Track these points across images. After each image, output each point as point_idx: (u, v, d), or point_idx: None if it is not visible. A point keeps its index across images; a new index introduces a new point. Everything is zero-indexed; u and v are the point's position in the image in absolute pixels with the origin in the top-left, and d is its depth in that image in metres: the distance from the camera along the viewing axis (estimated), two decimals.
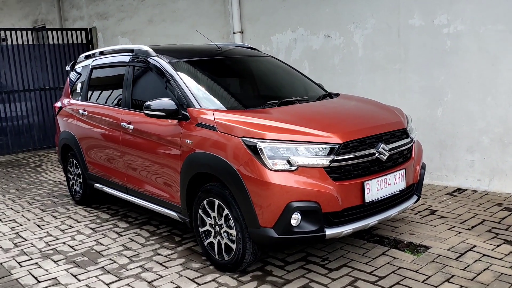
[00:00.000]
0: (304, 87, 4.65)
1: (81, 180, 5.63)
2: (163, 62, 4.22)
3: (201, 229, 3.76)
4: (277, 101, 3.95)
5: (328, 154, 3.22)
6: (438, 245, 3.82)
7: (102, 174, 5.13)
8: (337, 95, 4.48)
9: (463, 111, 5.27)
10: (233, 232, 3.44)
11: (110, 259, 4.03)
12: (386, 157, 3.44)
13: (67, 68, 6.14)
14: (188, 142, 3.71)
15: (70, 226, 5.00)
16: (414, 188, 3.86)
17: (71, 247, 4.38)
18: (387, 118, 3.75)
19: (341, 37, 6.21)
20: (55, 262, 4.06)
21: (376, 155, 3.40)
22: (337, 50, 6.29)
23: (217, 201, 3.53)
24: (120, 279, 3.64)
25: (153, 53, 4.37)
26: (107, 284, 3.57)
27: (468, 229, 4.16)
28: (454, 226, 4.23)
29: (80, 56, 5.93)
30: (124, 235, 4.60)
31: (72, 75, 5.97)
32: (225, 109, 3.79)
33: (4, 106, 9.60)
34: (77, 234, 4.73)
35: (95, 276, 3.72)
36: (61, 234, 4.77)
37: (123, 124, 4.53)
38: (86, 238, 4.59)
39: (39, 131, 10.09)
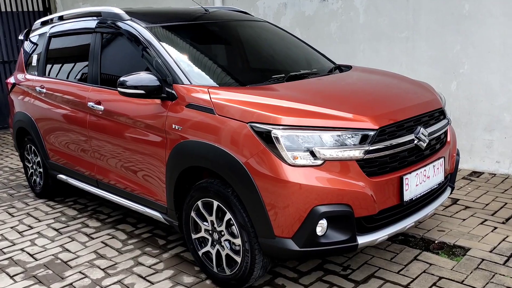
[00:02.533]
0: (308, 58, 3.90)
1: (41, 170, 4.78)
2: (139, 27, 3.39)
3: (194, 236, 3.03)
4: (283, 75, 3.20)
5: (361, 143, 2.52)
6: (477, 246, 3.23)
7: (66, 163, 4.30)
8: (348, 67, 3.76)
9: (482, 85, 4.66)
10: (238, 241, 2.73)
11: (80, 272, 3.27)
12: (426, 143, 2.78)
13: (20, 37, 5.17)
14: (176, 127, 2.94)
15: (29, 226, 4.18)
16: (448, 179, 3.23)
17: (31, 255, 3.59)
18: (423, 96, 3.06)
19: (339, 0, 5.46)
20: (11, 277, 3.27)
21: (415, 142, 2.73)
22: (335, 16, 5.54)
23: (216, 203, 2.80)
24: None
25: (126, 17, 3.53)
26: None
27: (503, 223, 3.58)
28: (486, 220, 3.64)
29: (36, 23, 4.98)
30: (96, 238, 3.82)
31: (26, 45, 5.03)
32: (222, 85, 3.02)
33: None
34: (38, 237, 3.92)
35: None
36: (19, 237, 3.95)
37: (90, 104, 3.69)
38: (49, 243, 3.79)
39: None
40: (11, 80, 5.15)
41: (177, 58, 3.15)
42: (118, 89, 3.04)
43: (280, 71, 3.42)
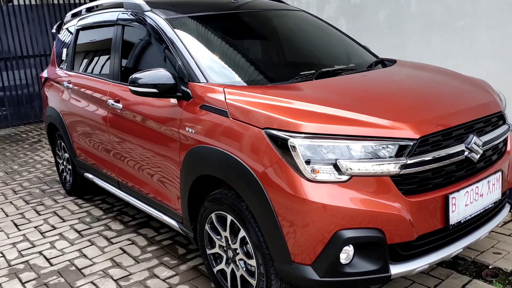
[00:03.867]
0: (348, 51, 3.48)
1: (70, 167, 4.65)
2: (158, 19, 3.11)
3: (209, 251, 2.73)
4: (313, 71, 2.81)
5: (397, 156, 2.11)
6: None
7: (91, 162, 4.13)
8: (392, 62, 3.31)
9: None
10: (253, 262, 2.40)
11: (92, 282, 3.06)
12: (479, 155, 2.31)
13: (53, 30, 5.07)
14: (190, 130, 2.64)
15: (53, 226, 4.05)
16: (507, 195, 2.73)
17: (48, 260, 3.43)
18: (478, 97, 2.58)
19: None
20: (22, 284, 3.11)
21: (466, 153, 2.27)
22: (383, 4, 5.04)
23: (229, 217, 2.48)
24: None
25: (146, 7, 3.26)
26: None
27: None
28: None
29: (67, 15, 4.84)
30: (116, 243, 3.62)
31: (58, 38, 4.91)
32: (242, 84, 2.68)
33: (1, 74, 8.65)
34: (59, 239, 3.77)
35: None
36: (40, 238, 3.82)
37: (110, 102, 3.47)
38: (68, 246, 3.62)
39: (40, 101, 9.13)
40: (44, 74, 5.06)
41: (195, 53, 2.84)
42: (129, 87, 2.77)
43: (312, 66, 3.03)
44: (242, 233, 2.41)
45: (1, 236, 3.92)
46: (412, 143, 2.11)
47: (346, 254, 2.10)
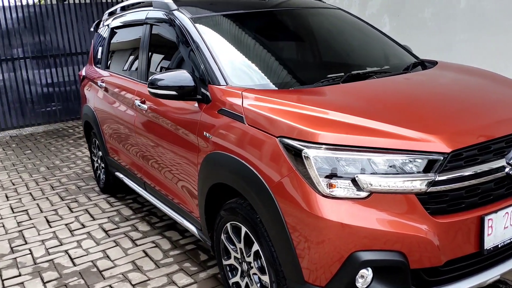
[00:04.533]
0: (385, 52, 3.25)
1: (103, 165, 4.67)
2: (183, 18, 3.01)
3: (225, 262, 2.61)
4: (342, 74, 2.62)
5: (425, 171, 1.89)
6: None
7: (121, 162, 4.12)
8: (433, 63, 3.05)
9: None
10: (266, 279, 2.25)
11: (110, 286, 3.01)
12: None
13: (92, 28, 5.11)
14: (207, 135, 2.52)
15: (82, 225, 4.07)
16: None
17: (72, 259, 3.43)
18: None
19: None
20: (43, 284, 3.12)
21: (507, 170, 2.02)
22: (430, 0, 4.72)
23: (243, 229, 2.34)
24: None
25: (174, 6, 3.17)
26: None
27: None
28: None
29: (105, 14, 4.86)
30: (140, 245, 3.57)
31: (95, 37, 4.94)
32: (263, 87, 2.52)
33: (50, 70, 8.93)
34: (86, 238, 3.78)
35: None
36: (69, 236, 3.84)
37: (136, 102, 3.42)
38: (93, 246, 3.62)
39: None
40: (83, 72, 5.11)
41: (217, 53, 2.71)
42: (148, 89, 2.68)
43: (343, 68, 2.84)
44: (256, 246, 2.27)
45: (32, 232, 3.98)
46: (442, 158, 1.89)
47: (364, 278, 1.91)
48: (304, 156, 1.92)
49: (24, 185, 5.36)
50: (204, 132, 2.54)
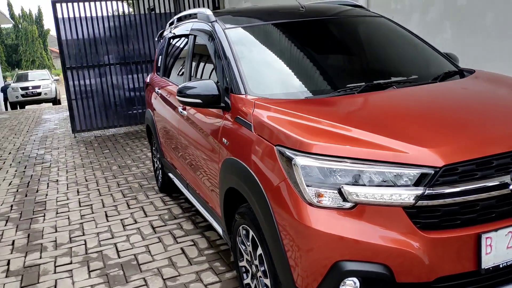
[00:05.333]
0: (420, 60, 3.17)
1: (160, 166, 4.99)
2: (218, 29, 3.17)
3: (240, 263, 2.72)
4: (362, 84, 2.62)
5: (415, 184, 1.86)
6: None
7: (171, 164, 4.39)
8: (470, 72, 2.93)
9: None
10: (267, 282, 2.32)
11: (144, 279, 3.25)
12: None
13: (156, 38, 5.47)
14: (225, 142, 2.65)
15: (135, 221, 4.39)
16: None
17: (118, 252, 3.73)
18: None
19: None
20: (89, 272, 3.43)
21: (511, 187, 1.92)
22: (492, 4, 4.46)
23: (251, 232, 2.44)
24: None
25: (212, 18, 3.34)
26: None
27: None
28: None
29: (167, 24, 5.19)
30: (180, 243, 3.79)
31: (158, 46, 5.28)
32: (278, 97, 2.60)
33: (132, 76, 9.60)
34: (135, 233, 4.08)
35: None
36: (121, 231, 4.17)
37: (179, 108, 3.65)
38: (139, 241, 3.90)
39: None
40: (147, 79, 5.49)
41: (242, 63, 2.83)
42: (177, 97, 2.88)
43: (368, 78, 2.83)
44: (259, 250, 2.35)
45: (91, 225, 4.37)
46: (433, 172, 1.85)
47: (349, 286, 1.92)
48: (293, 164, 1.98)
49: (95, 181, 5.86)
50: (223, 139, 2.68)
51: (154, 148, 5.24)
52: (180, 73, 3.99)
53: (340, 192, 1.90)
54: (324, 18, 3.32)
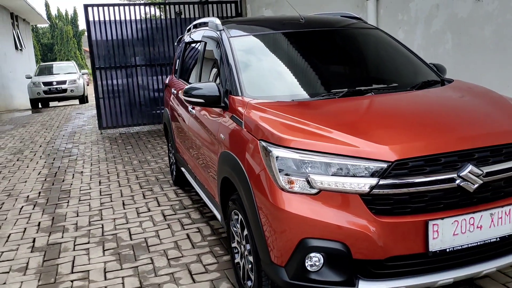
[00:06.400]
0: (406, 70, 3.47)
1: (174, 161, 5.40)
2: (224, 37, 3.55)
3: (232, 244, 3.08)
4: (345, 89, 2.95)
5: (371, 175, 2.19)
6: None
7: (183, 158, 4.78)
8: (449, 82, 3.22)
9: None
10: (251, 259, 2.68)
11: (151, 258, 3.65)
12: (476, 185, 2.23)
13: (176, 42, 5.89)
14: (222, 137, 3.03)
15: (149, 209, 4.80)
16: None
17: (131, 235, 4.14)
18: (495, 125, 2.45)
19: (495, 0, 4.62)
20: (104, 251, 3.85)
21: (458, 182, 2.22)
22: (490, 19, 4.72)
23: (240, 216, 2.80)
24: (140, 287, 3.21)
25: (220, 27, 3.72)
26: None
27: None
28: None
29: (186, 30, 5.60)
30: (187, 229, 4.18)
31: (177, 50, 5.70)
32: (269, 99, 2.94)
33: (157, 78, 10.08)
34: (147, 220, 4.49)
35: (121, 277, 3.37)
36: (135, 217, 4.58)
37: (190, 108, 4.04)
38: (151, 227, 4.31)
39: None
40: (167, 80, 5.92)
41: (242, 69, 3.19)
42: (183, 97, 3.26)
43: (352, 84, 3.15)
44: (245, 231, 2.71)
45: (109, 212, 4.80)
46: (386, 165, 2.17)
47: (314, 262, 2.25)
48: (270, 155, 2.33)
49: (116, 174, 6.32)
50: (220, 134, 3.05)
51: (170, 144, 5.65)
52: (192, 75, 4.38)
53: (308, 180, 2.24)
54: (320, 29, 3.65)
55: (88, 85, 18.58)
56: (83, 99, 17.72)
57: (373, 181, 2.17)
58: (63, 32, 52.57)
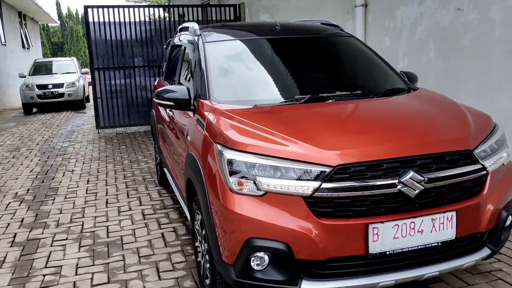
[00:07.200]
0: (373, 78, 3.55)
1: (159, 162, 5.51)
2: (200, 43, 3.65)
3: (195, 243, 3.18)
4: (308, 96, 3.04)
5: (315, 179, 2.28)
6: None
7: (165, 159, 4.89)
8: (414, 90, 3.31)
9: None
10: (208, 258, 2.77)
11: (123, 255, 3.75)
12: (417, 191, 2.31)
13: (165, 46, 6.02)
14: (189, 139, 3.13)
15: (130, 208, 4.91)
16: (484, 239, 2.58)
17: (108, 233, 4.25)
18: (441, 133, 2.53)
19: (475, 10, 4.69)
20: (80, 247, 3.96)
21: (399, 187, 2.30)
22: (469, 28, 4.78)
23: (200, 216, 2.89)
24: (107, 283, 3.31)
25: (198, 32, 3.83)
26: (91, 286, 3.28)
27: None
28: None
29: (174, 33, 5.72)
30: (163, 229, 4.28)
31: (166, 53, 5.82)
32: (233, 105, 3.03)
33: (155, 79, 10.21)
34: (127, 218, 4.60)
35: (91, 273, 3.47)
36: (115, 216, 4.69)
37: (167, 110, 4.15)
38: (129, 225, 4.41)
39: None
40: (156, 82, 6.04)
41: (212, 74, 3.29)
42: (154, 99, 3.37)
43: (317, 91, 3.23)
44: (204, 231, 2.80)
45: (92, 209, 4.92)
46: (328, 170, 2.26)
47: (259, 261, 2.34)
48: (222, 158, 2.43)
49: (105, 173, 6.44)
50: (188, 136, 3.15)
51: (156, 145, 5.77)
52: (174, 78, 4.49)
53: (255, 182, 2.33)
54: (293, 36, 3.75)
55: (90, 85, 14.80)
56: (82, 104, 15.24)
57: (316, 184, 2.25)
58: (73, 31, 53.10)
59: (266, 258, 2.34)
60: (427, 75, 5.28)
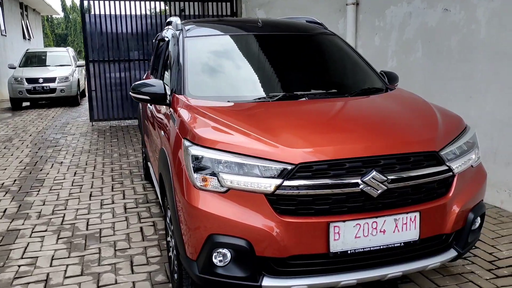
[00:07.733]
0: (350, 77, 3.55)
1: (144, 156, 5.52)
2: (180, 37, 3.65)
3: (167, 238, 3.18)
4: (282, 93, 3.04)
5: (277, 177, 2.28)
6: None
7: (148, 152, 4.90)
8: (391, 89, 3.30)
9: None
10: (175, 253, 2.78)
11: (99, 248, 3.76)
12: (380, 191, 2.31)
13: (153, 40, 6.01)
14: (162, 134, 3.13)
15: (113, 202, 4.92)
16: (450, 240, 2.58)
17: (88, 225, 4.26)
18: (407, 134, 2.53)
19: (462, 11, 4.66)
20: (58, 239, 3.98)
21: (361, 187, 2.30)
22: (456, 29, 4.76)
23: (169, 212, 2.90)
24: (80, 275, 3.33)
25: (180, 27, 3.82)
26: (64, 277, 3.30)
27: None
28: None
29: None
30: (143, 223, 4.29)
31: (154, 48, 5.82)
32: (209, 100, 3.02)
33: None
34: (108, 212, 4.61)
35: (66, 265, 3.49)
36: (97, 209, 4.71)
37: (148, 104, 4.16)
38: (109, 218, 4.43)
39: None
40: (144, 77, 6.03)
41: (189, 69, 3.29)
42: (130, 92, 3.37)
43: (292, 88, 3.23)
44: (172, 226, 2.81)
45: (75, 202, 4.93)
46: (290, 167, 2.26)
47: (221, 257, 2.35)
48: (187, 153, 2.43)
49: (93, 166, 6.45)
50: (161, 131, 3.15)
51: (142, 139, 5.77)
52: (158, 72, 4.49)
53: (218, 179, 2.33)
54: (274, 33, 3.74)
55: (85, 78, 12.94)
56: (75, 101, 13.85)
57: (278, 181, 2.25)
58: (77, 23, 53.05)
59: (229, 254, 2.34)
60: (415, 75, 5.27)
